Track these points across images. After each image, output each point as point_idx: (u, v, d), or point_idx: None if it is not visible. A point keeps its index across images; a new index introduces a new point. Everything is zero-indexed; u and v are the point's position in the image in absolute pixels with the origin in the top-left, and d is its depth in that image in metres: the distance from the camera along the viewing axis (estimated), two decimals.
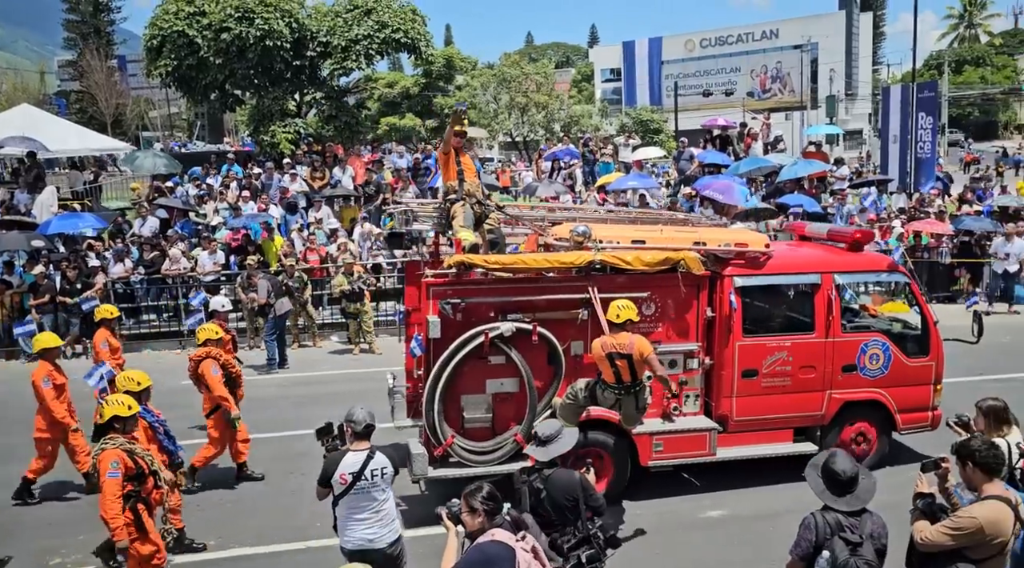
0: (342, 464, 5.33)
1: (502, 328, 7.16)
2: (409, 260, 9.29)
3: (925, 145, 21.55)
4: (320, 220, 16.78)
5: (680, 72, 54.30)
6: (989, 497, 4.35)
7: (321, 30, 21.41)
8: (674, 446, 7.75)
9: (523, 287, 7.46)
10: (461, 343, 7.16)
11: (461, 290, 7.24)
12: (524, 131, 34.58)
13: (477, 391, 7.39)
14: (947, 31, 76.86)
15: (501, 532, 4.06)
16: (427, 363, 7.34)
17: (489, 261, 7.35)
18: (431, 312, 7.21)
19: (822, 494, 4.39)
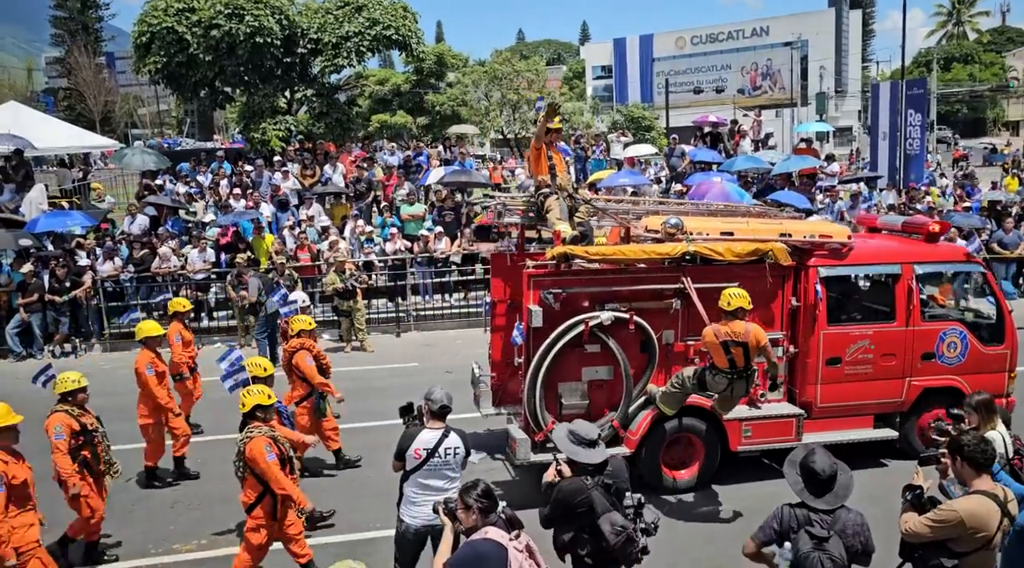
0: (417, 439, 5.44)
1: (602, 317, 7.45)
2: (495, 252, 9.62)
3: (914, 142, 21.66)
4: (311, 218, 16.72)
5: (671, 69, 54.46)
6: (975, 492, 4.39)
7: (312, 27, 21.32)
8: (762, 432, 7.97)
9: (618, 277, 7.72)
10: (562, 332, 7.42)
11: (561, 280, 7.53)
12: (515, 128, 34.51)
13: (573, 379, 7.66)
14: (936, 28, 77.30)
15: (494, 530, 4.07)
16: (527, 352, 7.57)
17: (590, 252, 7.64)
18: (532, 302, 7.45)
19: (801, 493, 4.46)
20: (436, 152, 22.29)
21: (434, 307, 15.83)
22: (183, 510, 8.23)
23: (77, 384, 6.89)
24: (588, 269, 7.69)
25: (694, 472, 7.91)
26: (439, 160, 20.64)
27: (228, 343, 14.88)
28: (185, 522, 7.91)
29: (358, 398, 11.42)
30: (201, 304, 15.55)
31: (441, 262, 16.09)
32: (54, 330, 14.53)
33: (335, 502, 8.03)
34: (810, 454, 4.53)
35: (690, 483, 7.95)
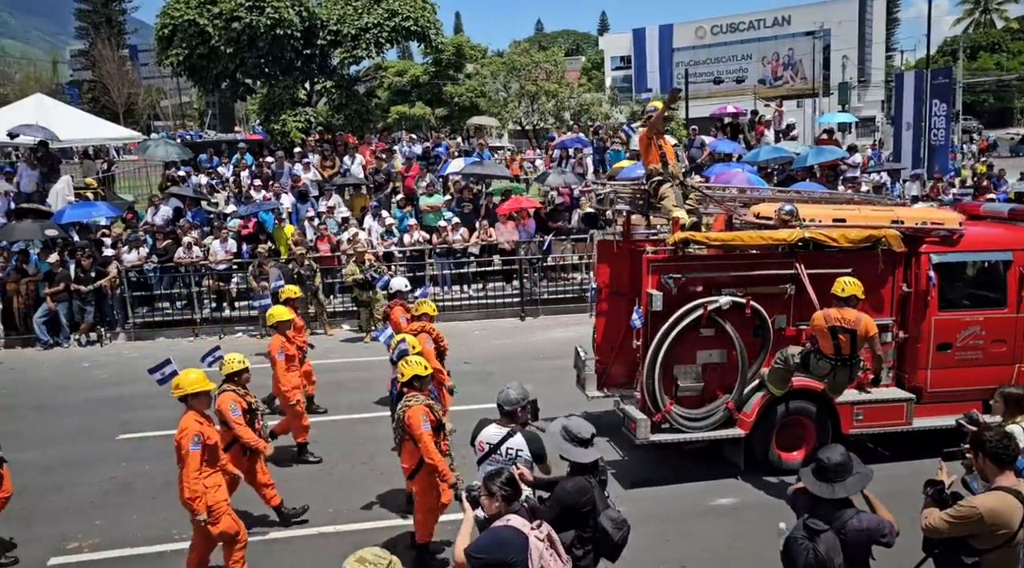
0: (483, 432, 5.55)
1: (720, 301, 7.64)
2: (602, 239, 9.80)
3: (939, 132, 21.40)
4: (331, 208, 16.85)
5: (691, 59, 53.96)
6: (996, 488, 4.33)
7: (331, 19, 21.40)
8: (874, 416, 8.09)
9: (734, 263, 7.93)
10: (681, 315, 7.63)
11: (680, 266, 7.72)
12: (534, 120, 34.43)
13: (688, 362, 7.86)
14: (962, 16, 75.93)
15: (516, 518, 4.11)
16: (645, 335, 7.77)
17: (710, 238, 7.87)
18: (651, 287, 7.66)
19: (805, 476, 4.49)
20: (455, 143, 22.33)
21: (452, 298, 15.91)
22: None
23: (242, 365, 7.15)
24: (705, 255, 7.90)
25: (803, 455, 8.01)
26: (458, 151, 20.69)
27: (250, 333, 15.13)
28: None
29: (376, 388, 11.54)
30: (223, 294, 15.74)
31: (459, 253, 16.15)
32: (80, 319, 14.79)
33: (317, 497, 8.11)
34: (825, 448, 4.58)
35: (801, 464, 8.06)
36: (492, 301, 15.89)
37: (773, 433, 8.00)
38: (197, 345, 14.68)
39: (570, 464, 4.85)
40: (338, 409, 10.63)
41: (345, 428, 10.06)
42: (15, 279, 14.80)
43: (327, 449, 9.30)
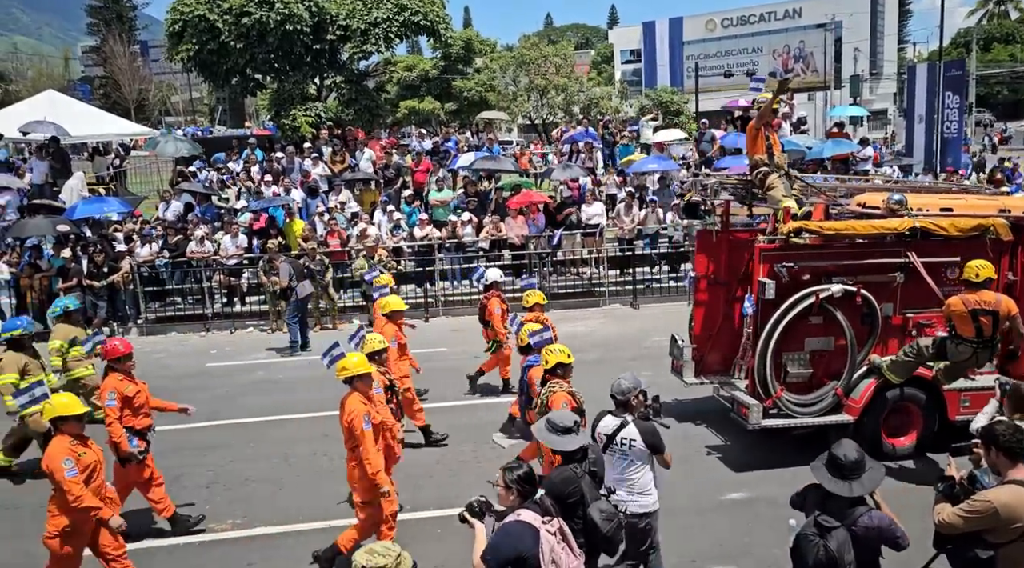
0: (600, 423, 5.63)
1: (833, 289, 7.76)
2: (700, 229, 9.99)
3: (952, 125, 21.21)
4: (341, 204, 16.88)
5: (701, 53, 53.72)
6: (1010, 482, 4.31)
7: (340, 14, 21.41)
8: (981, 403, 8.06)
9: (843, 252, 8.03)
10: (793, 303, 7.76)
11: (791, 255, 7.85)
12: (543, 114, 34.36)
13: (797, 349, 7.99)
14: (976, 8, 75.12)
15: (527, 513, 4.11)
16: (756, 323, 7.97)
17: (823, 227, 7.99)
18: (763, 275, 7.83)
19: (819, 472, 4.40)
20: (464, 138, 22.32)
21: (462, 292, 15.92)
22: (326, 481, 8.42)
23: (383, 344, 7.38)
24: (813, 244, 7.99)
25: (912, 439, 8.10)
26: (467, 145, 20.68)
27: (261, 328, 15.19)
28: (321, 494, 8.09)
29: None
30: (234, 289, 15.82)
31: (469, 247, 16.16)
32: (92, 314, 14.88)
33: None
34: (838, 443, 4.50)
35: (908, 450, 8.13)
36: None
37: (882, 419, 8.11)
38: (208, 339, 14.78)
39: (556, 453, 4.85)
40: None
41: None
42: (28, 274, 14.91)
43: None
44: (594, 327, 14.21)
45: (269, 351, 13.79)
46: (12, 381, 8.23)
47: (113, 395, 6.84)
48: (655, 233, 16.42)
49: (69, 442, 5.72)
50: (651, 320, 14.49)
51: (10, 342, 8.49)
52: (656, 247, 16.48)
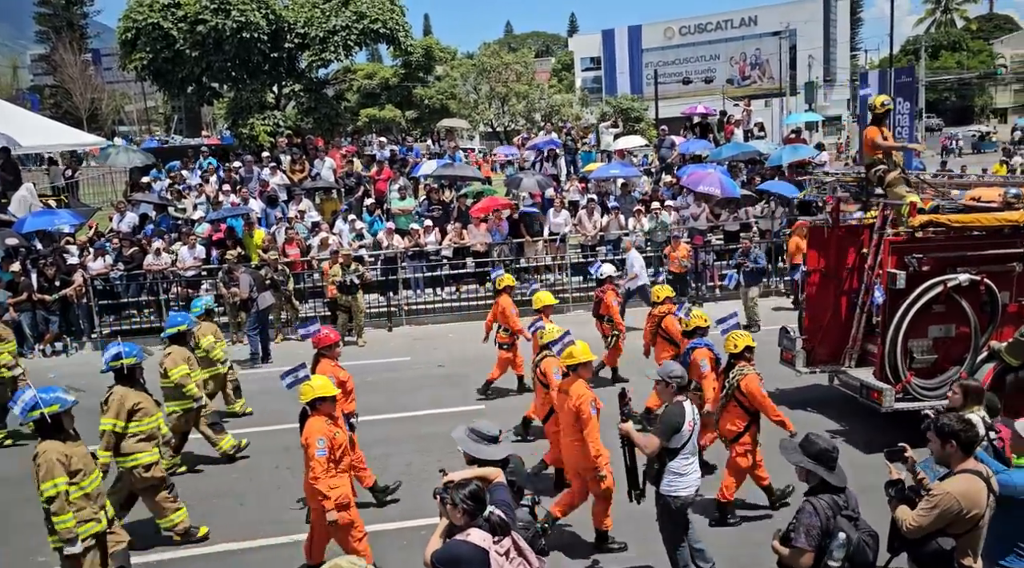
0: (687, 412, 5.70)
1: (960, 278, 8.26)
2: (812, 225, 10.41)
3: (903, 130, 21.73)
4: (301, 213, 16.68)
5: (660, 60, 54.42)
6: (961, 471, 4.38)
7: (299, 21, 21.22)
8: None
9: (965, 243, 8.48)
10: (921, 292, 8.25)
11: (918, 247, 8.38)
12: (505, 121, 34.49)
13: (921, 336, 8.47)
14: (924, 16, 77.44)
15: (477, 532, 3.99)
16: (885, 312, 8.43)
17: (951, 220, 8.41)
18: (892, 266, 8.34)
19: (816, 469, 4.34)
20: (425, 146, 22.27)
21: (426, 301, 15.82)
22: None
23: (558, 333, 7.57)
24: (935, 236, 8.45)
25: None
26: (427, 153, 20.61)
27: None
28: None
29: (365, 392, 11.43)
30: (192, 301, 15.48)
31: (432, 256, 16.09)
32: (44, 329, 14.47)
33: None
34: (808, 439, 4.49)
35: None
36: (466, 303, 15.83)
37: (1002, 400, 8.34)
38: None
39: (479, 463, 4.77)
40: None
41: None
42: None
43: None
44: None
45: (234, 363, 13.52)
46: (186, 372, 8.46)
47: (332, 379, 7.02)
48: (617, 239, 16.52)
49: (325, 422, 6.07)
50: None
51: (174, 338, 8.64)
52: (619, 253, 16.57)
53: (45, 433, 5.62)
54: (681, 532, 5.92)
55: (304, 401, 6.19)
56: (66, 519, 5.46)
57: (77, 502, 5.56)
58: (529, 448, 8.79)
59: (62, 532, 5.48)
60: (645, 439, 5.78)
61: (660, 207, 16.47)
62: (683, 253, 15.02)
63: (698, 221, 16.48)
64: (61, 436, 5.64)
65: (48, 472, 5.44)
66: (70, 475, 5.55)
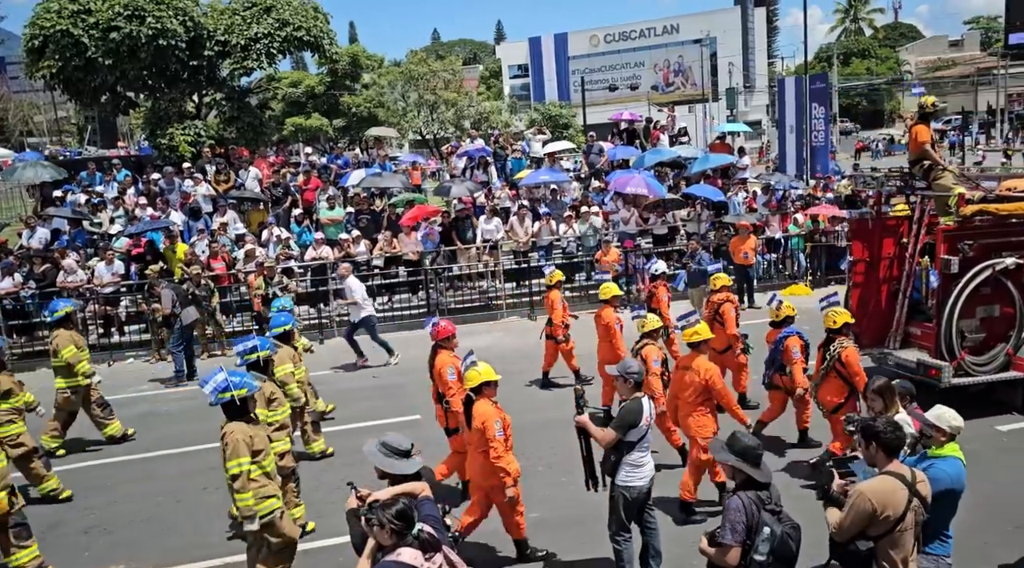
0: (645, 408, 5.85)
1: (1007, 262, 8.94)
2: (856, 218, 11.21)
3: (819, 134, 22.59)
4: (224, 225, 16.21)
5: (586, 67, 55.22)
6: (883, 473, 4.41)
7: (218, 29, 20.64)
8: None
9: (1011, 229, 9.10)
10: (973, 275, 8.91)
11: (969, 234, 8.99)
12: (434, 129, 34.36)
13: (970, 316, 9.09)
14: (835, 25, 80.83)
15: (408, 552, 3.88)
16: (939, 295, 9.12)
17: (1000, 209, 9.07)
18: (945, 253, 8.97)
19: (742, 466, 4.38)
20: (353, 155, 21.98)
21: None
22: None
23: (659, 323, 8.24)
24: (985, 224, 9.05)
25: None
26: (356, 162, 20.34)
27: (143, 358, 14.35)
28: None
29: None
30: (111, 318, 14.88)
31: (363, 266, 15.86)
32: None
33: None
34: (734, 436, 4.55)
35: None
36: (399, 313, 15.66)
37: None
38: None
39: (391, 478, 4.70)
40: None
41: None
42: None
43: None
44: (493, 341, 14.21)
45: (152, 382, 13.04)
46: (290, 370, 8.47)
47: (452, 370, 7.42)
48: (549, 245, 16.63)
49: (492, 404, 6.26)
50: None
51: (280, 337, 8.65)
52: (551, 258, 16.69)
53: (232, 415, 5.83)
54: (632, 516, 6.03)
55: (470, 386, 6.34)
56: (246, 497, 5.68)
57: (259, 480, 5.78)
58: None
59: (243, 509, 5.70)
60: (601, 432, 5.94)
61: (589, 211, 16.66)
62: (614, 257, 15.22)
63: (628, 225, 16.73)
64: (245, 418, 5.86)
65: (234, 451, 5.65)
66: (252, 455, 5.77)
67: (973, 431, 5.14)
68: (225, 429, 5.74)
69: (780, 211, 17.24)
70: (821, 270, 16.94)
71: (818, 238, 17.01)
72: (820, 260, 17.05)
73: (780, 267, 17.27)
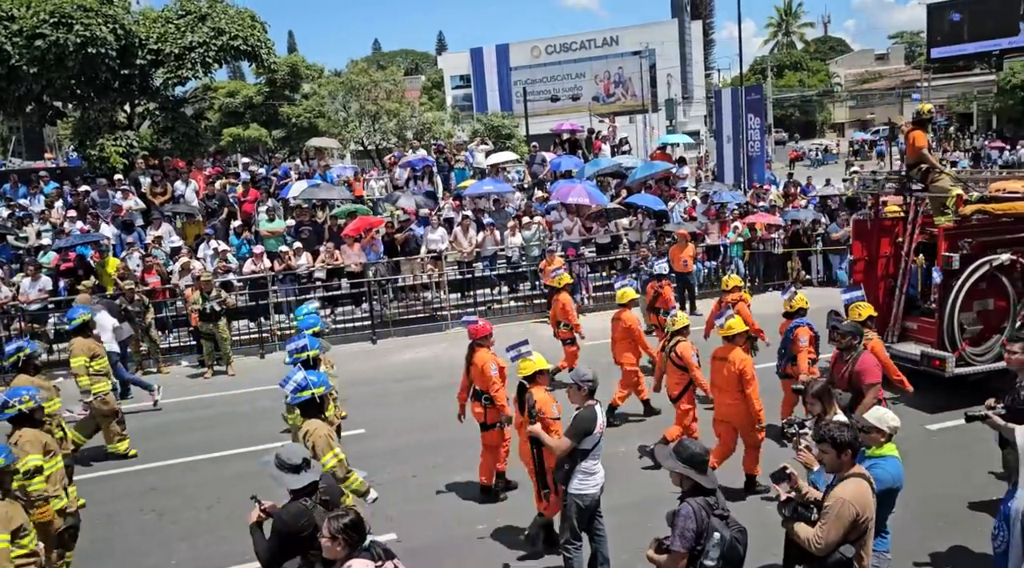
0: (598, 416, 5.89)
1: (1003, 258, 9.53)
2: (857, 219, 11.93)
3: (755, 144, 23.16)
4: (159, 238, 15.74)
5: (528, 78, 55.56)
6: (849, 476, 4.37)
7: (151, 37, 20.07)
8: None
9: (1004, 227, 9.67)
10: (973, 270, 9.47)
11: (967, 233, 9.57)
12: (376, 139, 34.11)
13: (967, 309, 9.65)
14: (768, 38, 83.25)
15: (358, 562, 3.84)
16: (941, 290, 9.64)
17: (996, 208, 9.61)
18: (946, 250, 9.52)
19: (689, 473, 4.41)
20: (294, 165, 21.63)
21: None
22: None
23: (687, 320, 8.61)
24: (980, 222, 9.60)
25: None
26: (297, 173, 20.02)
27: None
28: None
29: (222, 425, 10.89)
30: (38, 336, 14.24)
31: (305, 278, 15.58)
32: None
33: (159, 551, 7.50)
34: (681, 444, 4.57)
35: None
36: (342, 326, 15.43)
37: None
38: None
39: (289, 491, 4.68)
40: (197, 448, 9.86)
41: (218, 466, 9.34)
42: None
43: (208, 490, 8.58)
44: (439, 352, 14.11)
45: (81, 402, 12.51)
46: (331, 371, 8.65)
47: (494, 365, 7.69)
48: (493, 255, 16.63)
49: (546, 391, 6.57)
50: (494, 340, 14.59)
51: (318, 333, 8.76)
52: (495, 268, 16.69)
53: (311, 412, 5.95)
54: (584, 524, 6.02)
55: (524, 374, 6.59)
56: (355, 478, 5.90)
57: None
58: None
59: (359, 488, 5.92)
60: (555, 441, 5.97)
61: (532, 221, 16.74)
62: (558, 266, 15.29)
63: (571, 235, 16.85)
64: (322, 415, 6.05)
65: (326, 446, 5.78)
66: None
67: (904, 431, 5.28)
68: (306, 427, 5.83)
69: (719, 219, 17.60)
70: (759, 276, 17.34)
71: (756, 245, 17.42)
72: (758, 267, 17.45)
73: (720, 274, 17.63)
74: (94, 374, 9.57)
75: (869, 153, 49.95)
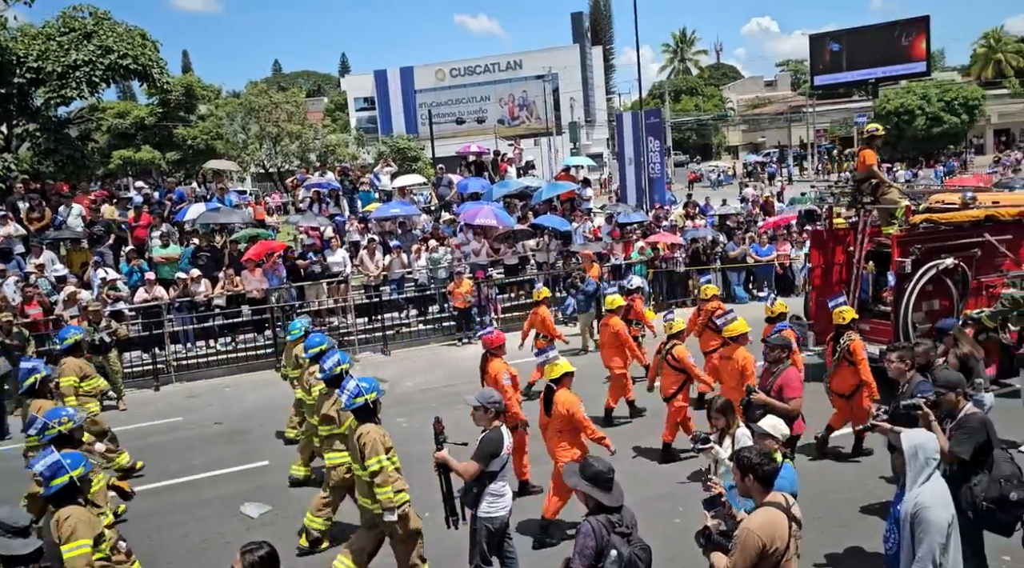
0: (504, 437, 5.90)
1: (947, 262, 10.36)
2: (814, 229, 13.19)
3: (655, 166, 23.90)
4: (40, 267, 14.76)
5: (433, 101, 55.65)
6: (762, 506, 4.32)
7: (30, 54, 18.97)
8: None
9: (946, 235, 10.60)
10: (923, 273, 10.25)
11: (916, 240, 10.38)
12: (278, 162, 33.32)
13: (918, 309, 10.41)
14: (665, 64, 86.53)
15: None
16: (896, 292, 10.43)
17: (941, 217, 10.58)
18: (899, 256, 10.27)
19: (591, 491, 4.42)
20: (190, 189, 20.81)
21: (197, 355, 14.62)
22: None
23: (683, 325, 9.49)
24: (926, 229, 10.50)
25: (994, 370, 9.65)
26: (193, 197, 19.25)
27: None
28: None
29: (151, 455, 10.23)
30: None
31: (203, 306, 14.94)
32: None
33: None
34: (586, 462, 4.58)
35: (992, 376, 9.43)
36: (243, 354, 14.85)
37: None
38: None
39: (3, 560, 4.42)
40: None
41: None
42: None
43: None
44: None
45: None
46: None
47: (507, 375, 8.09)
48: (401, 278, 16.43)
49: (572, 392, 7.07)
50: (404, 365, 14.37)
51: None
52: (403, 291, 16.49)
53: (365, 417, 6.09)
54: (489, 556, 5.95)
55: (552, 377, 7.05)
56: (386, 490, 5.90)
57: (392, 474, 6.00)
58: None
59: (383, 501, 5.90)
60: (463, 465, 5.83)
61: (439, 244, 16.66)
62: (466, 288, 15.26)
63: (479, 256, 16.85)
64: (375, 419, 6.13)
65: (373, 449, 5.90)
66: (385, 452, 6.04)
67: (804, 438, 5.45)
68: (360, 430, 6.01)
69: (623, 239, 17.99)
70: (663, 294, 17.81)
71: (658, 264, 17.90)
72: (661, 285, 17.93)
73: None
74: (83, 394, 9.24)
75: (761, 174, 52.34)
